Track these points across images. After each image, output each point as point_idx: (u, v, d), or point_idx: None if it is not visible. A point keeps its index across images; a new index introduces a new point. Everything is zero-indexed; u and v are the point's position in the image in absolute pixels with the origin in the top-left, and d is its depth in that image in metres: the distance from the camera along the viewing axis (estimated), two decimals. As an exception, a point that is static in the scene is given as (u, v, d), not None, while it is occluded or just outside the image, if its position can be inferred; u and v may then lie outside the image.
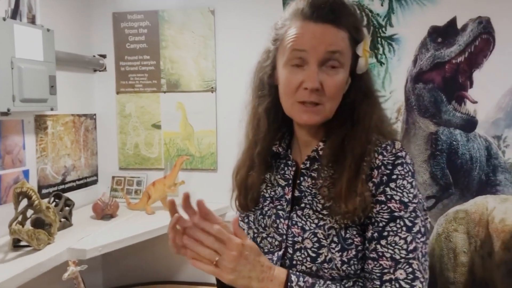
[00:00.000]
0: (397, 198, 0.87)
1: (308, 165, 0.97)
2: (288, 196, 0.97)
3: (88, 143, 2.36)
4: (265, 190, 1.02)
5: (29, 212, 1.64)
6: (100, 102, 2.43)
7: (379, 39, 2.14)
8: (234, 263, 0.81)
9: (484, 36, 2.03)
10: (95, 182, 2.43)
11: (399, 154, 0.89)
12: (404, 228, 0.86)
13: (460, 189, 2.11)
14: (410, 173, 0.88)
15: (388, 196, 0.87)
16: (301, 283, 0.86)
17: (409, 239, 0.85)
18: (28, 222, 1.65)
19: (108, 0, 2.38)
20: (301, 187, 0.96)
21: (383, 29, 2.13)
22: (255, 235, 1.02)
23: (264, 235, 0.99)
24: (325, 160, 0.93)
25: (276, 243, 0.97)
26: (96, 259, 1.70)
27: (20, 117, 1.88)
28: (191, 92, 2.33)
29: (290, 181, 0.98)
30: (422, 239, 0.87)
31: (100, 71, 2.41)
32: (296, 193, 0.96)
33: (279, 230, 0.96)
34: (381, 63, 2.15)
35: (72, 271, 1.43)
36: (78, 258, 1.57)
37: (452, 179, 2.12)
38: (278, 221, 0.97)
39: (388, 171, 0.88)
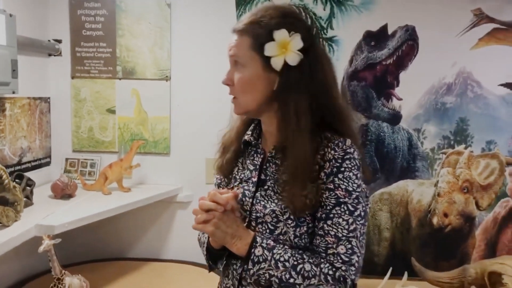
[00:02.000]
0: (343, 187, 1.03)
1: (273, 154, 1.13)
2: (255, 179, 1.14)
3: (42, 125, 2.42)
4: (236, 173, 1.20)
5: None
6: (54, 86, 2.49)
7: (321, 40, 2.39)
8: (217, 220, 1.08)
9: (410, 42, 2.35)
10: (48, 163, 2.50)
11: (348, 150, 1.05)
12: (347, 212, 1.02)
13: (385, 174, 2.43)
14: (356, 166, 1.05)
15: (336, 185, 1.04)
16: (264, 244, 1.08)
17: (350, 221, 1.02)
18: (-8, 201, 1.73)
19: (65, -14, 2.44)
20: (267, 172, 1.13)
21: (325, 31, 2.39)
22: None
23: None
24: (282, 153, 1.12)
25: (242, 217, 1.14)
26: (38, 241, 1.79)
27: (-20, 99, 1.93)
28: (146, 79, 2.46)
29: (258, 167, 1.15)
30: (361, 221, 1.04)
31: (55, 55, 2.47)
32: (262, 177, 1.14)
33: (244, 206, 1.14)
34: (322, 61, 2.40)
35: (47, 244, 1.55)
36: (47, 233, 1.68)
37: (378, 165, 2.44)
38: (244, 199, 1.15)
39: (338, 164, 1.04)
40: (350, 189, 1.04)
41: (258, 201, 1.12)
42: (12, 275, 2.20)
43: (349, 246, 1.02)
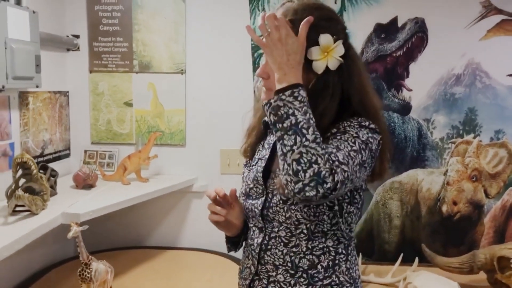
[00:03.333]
0: (353, 132, 1.06)
1: None
2: (267, 156, 1.21)
3: (62, 118, 2.50)
4: (257, 153, 1.28)
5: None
6: (73, 80, 2.57)
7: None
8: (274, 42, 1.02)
9: (419, 34, 2.40)
10: (67, 155, 2.58)
11: (363, 123, 1.09)
12: (355, 140, 1.05)
13: (396, 163, 2.49)
14: (371, 131, 1.08)
15: (349, 131, 1.07)
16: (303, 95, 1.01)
17: (356, 146, 1.04)
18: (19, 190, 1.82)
19: (83, -17, 2.51)
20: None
21: (336, 24, 2.44)
22: (246, 187, 1.26)
23: (251, 185, 1.23)
24: None
25: (260, 191, 1.21)
26: (66, 228, 1.88)
27: (7, 93, 2.01)
28: (162, 73, 2.53)
29: (271, 145, 1.23)
30: (365, 153, 1.05)
31: (73, 50, 2.54)
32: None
33: (259, 181, 1.20)
34: (333, 54, 2.46)
35: (75, 230, 1.63)
36: (73, 221, 1.76)
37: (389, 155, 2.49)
38: (257, 175, 1.21)
39: (349, 127, 1.08)
40: (355, 132, 1.06)
41: (276, 175, 1.15)
42: (39, 261, 2.29)
43: (347, 159, 1.01)
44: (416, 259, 2.21)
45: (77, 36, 2.54)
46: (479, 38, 2.37)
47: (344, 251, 1.19)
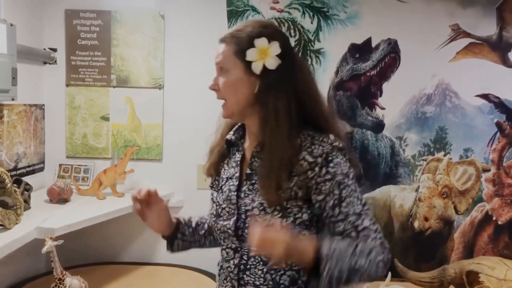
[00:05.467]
0: (339, 171, 1.12)
1: (259, 149, 1.22)
2: (237, 174, 1.24)
3: (37, 132, 2.48)
4: (223, 173, 1.29)
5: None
6: (49, 93, 2.55)
7: (308, 52, 2.51)
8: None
9: (392, 55, 2.48)
10: (42, 169, 2.55)
11: (335, 144, 1.14)
12: (353, 192, 1.13)
13: (369, 179, 2.55)
14: (343, 153, 1.15)
15: (332, 173, 1.12)
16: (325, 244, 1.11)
17: (359, 196, 1.14)
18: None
19: (62, -3, 2.51)
20: (253, 166, 1.21)
21: (312, 43, 2.51)
22: (217, 207, 1.26)
23: (223, 206, 1.24)
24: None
25: (232, 211, 1.22)
26: (38, 243, 1.84)
27: (-18, 106, 1.98)
28: (140, 88, 2.54)
29: (238, 163, 1.25)
30: (361, 196, 1.16)
31: (50, 63, 2.53)
32: (248, 171, 1.22)
33: (232, 201, 1.22)
34: (310, 72, 2.52)
35: (50, 245, 1.62)
36: (47, 236, 1.74)
37: (363, 171, 2.55)
38: (230, 194, 1.23)
39: (328, 156, 1.13)
40: (345, 171, 1.14)
41: (246, 195, 1.20)
42: (10, 277, 2.23)
43: (369, 217, 1.13)
44: (389, 274, 2.25)
45: (55, 50, 2.53)
46: (448, 60, 2.47)
47: None
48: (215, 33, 2.46)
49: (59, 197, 2.19)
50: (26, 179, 2.34)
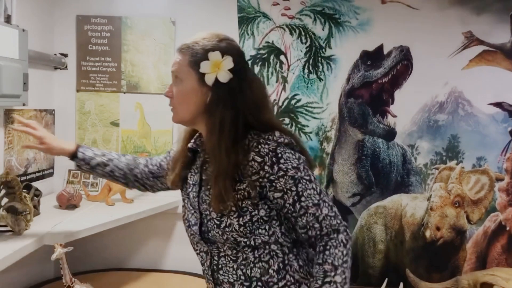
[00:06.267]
0: (290, 166, 1.17)
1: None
2: (198, 181, 1.28)
3: (47, 137, 2.47)
4: (189, 178, 1.32)
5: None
6: (59, 98, 2.55)
7: (319, 58, 2.50)
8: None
9: (404, 62, 2.46)
10: (51, 174, 2.55)
11: (280, 140, 1.19)
12: (307, 183, 1.17)
13: (381, 188, 2.52)
14: (289, 147, 1.20)
15: (284, 169, 1.16)
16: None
17: (314, 186, 1.18)
18: (2, 210, 1.78)
19: (73, 3, 2.51)
20: (207, 172, 1.26)
21: (323, 50, 2.49)
22: (188, 212, 1.31)
23: (192, 211, 1.29)
24: None
25: (197, 216, 1.27)
26: (47, 249, 1.84)
27: (-7, 111, 1.98)
28: (150, 94, 2.54)
29: (199, 169, 1.29)
30: (317, 183, 1.21)
31: (61, 69, 2.53)
32: (204, 177, 1.27)
33: (195, 207, 1.27)
34: (320, 79, 2.50)
35: (60, 252, 1.60)
36: (57, 242, 1.73)
37: (374, 179, 2.53)
38: (193, 200, 1.28)
39: (275, 154, 1.17)
40: (295, 164, 1.18)
41: (203, 200, 1.25)
42: (17, 283, 2.22)
43: (327, 204, 1.18)
44: (401, 284, 2.22)
45: (65, 55, 2.54)
46: (461, 67, 2.44)
47: (292, 251, 1.23)
48: (226, 39, 2.50)
49: (68, 202, 2.18)
50: (35, 184, 2.33)
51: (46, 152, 1.70)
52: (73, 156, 1.53)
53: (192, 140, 1.32)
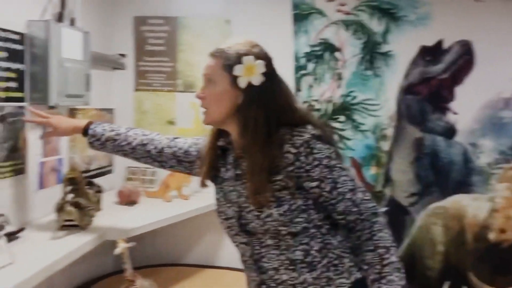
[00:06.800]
0: (323, 156, 1.21)
1: (242, 152, 1.30)
2: (233, 175, 1.33)
3: (107, 135, 2.55)
4: (222, 173, 1.37)
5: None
6: (118, 98, 2.63)
7: (376, 54, 2.44)
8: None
9: (466, 57, 2.36)
10: (110, 171, 2.63)
11: (312, 132, 1.22)
12: (341, 170, 1.23)
13: (440, 188, 2.44)
14: (323, 140, 1.23)
15: (318, 158, 1.21)
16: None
17: (348, 173, 1.25)
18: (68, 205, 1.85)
19: (131, 5, 2.59)
20: (242, 166, 1.31)
21: (380, 46, 2.43)
22: (223, 205, 1.35)
23: (229, 205, 1.33)
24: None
25: (235, 209, 1.30)
26: (107, 243, 1.89)
27: (58, 110, 2.07)
28: (205, 92, 2.57)
29: (232, 164, 1.34)
30: (348, 172, 1.26)
31: (120, 69, 2.61)
32: (238, 172, 1.32)
33: (232, 200, 1.32)
34: (377, 76, 2.45)
35: (123, 247, 1.65)
36: (119, 237, 1.78)
37: (433, 179, 2.44)
38: (229, 193, 1.33)
39: (309, 146, 1.21)
40: (328, 153, 1.23)
41: (241, 194, 1.29)
42: (78, 277, 2.31)
43: (360, 188, 1.25)
44: (463, 288, 2.14)
45: (124, 55, 2.61)
46: (529, 62, 2.31)
47: (330, 230, 1.27)
48: (281, 37, 2.49)
49: (128, 199, 2.25)
50: (96, 180, 2.43)
51: (61, 135, 1.86)
52: (84, 133, 1.63)
53: (222, 139, 1.38)
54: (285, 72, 2.43)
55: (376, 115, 2.46)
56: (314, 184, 1.22)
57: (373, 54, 2.43)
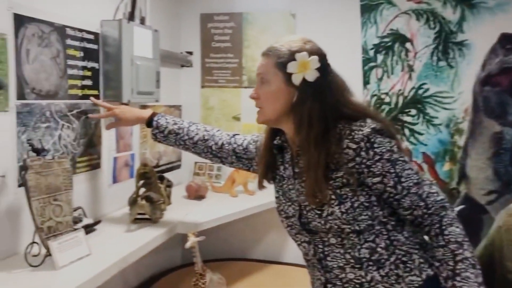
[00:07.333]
0: (384, 150, 1.18)
1: (299, 150, 1.28)
2: (291, 174, 1.32)
3: (175, 131, 2.61)
4: (281, 171, 1.36)
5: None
6: (186, 95, 2.68)
7: (450, 44, 2.31)
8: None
9: (551, 44, 2.18)
10: (179, 166, 2.69)
11: (373, 125, 1.19)
12: (404, 164, 1.20)
13: (522, 185, 2.27)
14: (385, 134, 1.20)
15: (379, 153, 1.18)
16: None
17: (411, 167, 1.21)
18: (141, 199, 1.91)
19: (197, 2, 2.62)
20: (299, 164, 1.29)
21: (454, 35, 2.30)
22: (283, 203, 1.34)
23: (289, 203, 1.32)
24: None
25: (296, 207, 1.29)
26: (176, 237, 1.94)
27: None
28: (270, 88, 2.55)
29: (290, 162, 1.33)
30: (412, 166, 1.22)
31: (187, 66, 2.66)
32: (296, 170, 1.30)
33: (292, 199, 1.31)
34: (451, 67, 2.32)
35: (193, 241, 1.68)
36: (189, 231, 1.81)
37: (513, 176, 2.28)
38: (290, 193, 1.32)
39: (369, 139, 1.18)
40: (389, 147, 1.19)
41: (300, 192, 1.27)
42: (147, 269, 2.38)
43: (426, 182, 1.21)
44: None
45: (191, 53, 2.65)
46: None
47: (396, 226, 1.23)
48: (348, 29, 2.43)
49: (196, 193, 2.28)
50: (165, 175, 2.49)
51: (125, 126, 1.91)
52: (148, 124, 1.64)
53: (277, 137, 1.37)
54: (353, 64, 2.42)
55: (450, 108, 2.33)
56: (377, 179, 1.19)
57: (446, 44, 2.31)
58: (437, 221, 1.18)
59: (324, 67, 1.25)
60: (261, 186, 1.46)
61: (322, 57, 1.26)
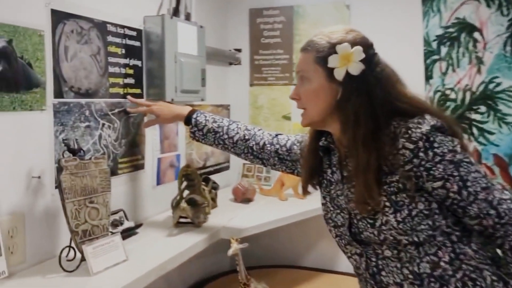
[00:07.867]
0: (446, 150, 1.04)
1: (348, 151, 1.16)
2: (340, 178, 1.20)
3: (223, 131, 2.52)
4: (330, 175, 1.23)
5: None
6: (234, 93, 2.59)
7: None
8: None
9: None
10: (227, 168, 2.60)
11: (432, 123, 1.05)
12: (470, 165, 1.05)
13: None
14: (445, 133, 1.06)
15: (440, 153, 1.04)
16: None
17: (478, 169, 1.06)
18: (183, 202, 1.82)
19: (246, -3, 2.53)
20: (348, 167, 1.17)
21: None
22: (331, 212, 1.22)
23: (338, 211, 1.20)
24: None
25: (345, 216, 1.17)
26: (223, 242, 1.83)
27: (175, 106, 2.06)
28: (322, 85, 2.40)
29: (338, 165, 1.21)
30: (482, 172, 1.07)
31: (235, 64, 2.56)
32: (345, 173, 1.18)
33: (341, 206, 1.19)
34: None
35: (235, 248, 1.57)
36: (233, 236, 1.70)
37: None
38: (337, 198, 1.19)
39: (429, 139, 1.04)
40: (451, 147, 1.05)
41: (350, 198, 1.15)
42: (194, 274, 2.30)
43: (495, 186, 1.06)
44: None
45: (239, 50, 2.56)
46: None
47: (462, 237, 1.08)
48: (407, 19, 2.23)
49: (243, 196, 2.18)
50: (213, 177, 2.40)
51: (163, 123, 1.78)
52: (187, 121, 1.55)
53: (323, 138, 1.25)
54: (414, 58, 2.22)
55: (526, 105, 2.08)
56: (438, 184, 1.04)
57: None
58: (511, 232, 1.02)
59: (370, 58, 1.12)
60: (305, 192, 1.32)
61: (368, 47, 1.13)
